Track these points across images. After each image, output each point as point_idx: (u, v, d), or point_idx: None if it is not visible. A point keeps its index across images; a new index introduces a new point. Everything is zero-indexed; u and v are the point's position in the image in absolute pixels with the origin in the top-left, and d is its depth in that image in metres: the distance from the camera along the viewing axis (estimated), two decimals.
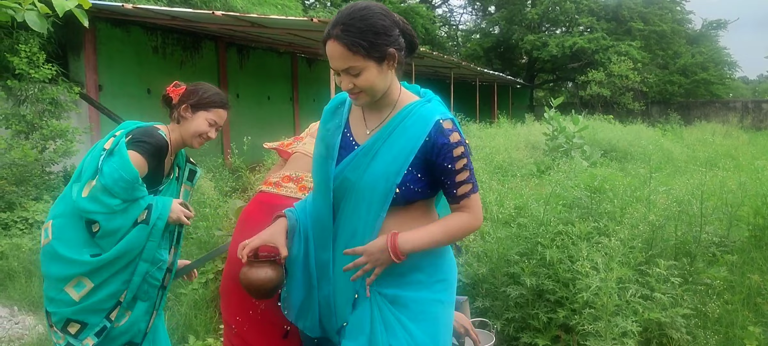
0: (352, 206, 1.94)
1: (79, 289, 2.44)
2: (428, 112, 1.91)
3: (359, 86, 1.86)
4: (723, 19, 30.95)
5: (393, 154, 1.88)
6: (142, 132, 2.56)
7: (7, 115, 7.44)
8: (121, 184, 2.39)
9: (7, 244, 5.54)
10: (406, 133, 1.89)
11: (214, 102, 2.69)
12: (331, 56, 1.84)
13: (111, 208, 2.39)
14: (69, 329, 2.47)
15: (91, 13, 3.17)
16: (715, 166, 6.78)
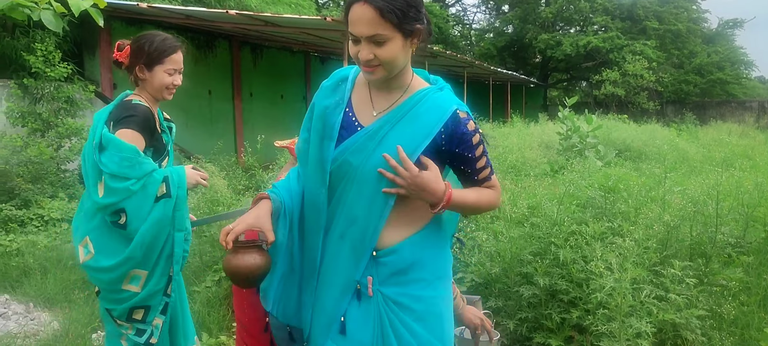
0: (355, 193, 1.83)
1: (136, 282, 2.51)
2: (444, 101, 1.84)
3: (380, 58, 1.73)
4: (739, 18, 30.64)
5: (403, 141, 1.78)
6: (121, 109, 2.56)
7: (23, 113, 7.52)
8: (125, 163, 2.41)
9: (23, 241, 5.59)
10: (419, 120, 1.80)
11: (164, 51, 2.63)
12: (357, 20, 1.71)
13: (128, 190, 2.42)
14: (135, 317, 2.56)
15: (107, 12, 3.20)
16: (731, 166, 6.72)
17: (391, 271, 1.86)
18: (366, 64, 1.76)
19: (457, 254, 3.71)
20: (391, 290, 1.86)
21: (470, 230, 3.94)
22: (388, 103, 1.86)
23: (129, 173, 2.42)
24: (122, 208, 2.44)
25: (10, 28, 8.28)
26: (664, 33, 27.86)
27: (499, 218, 4.02)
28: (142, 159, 2.46)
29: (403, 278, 1.87)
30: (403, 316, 1.85)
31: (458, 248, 3.45)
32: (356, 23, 1.71)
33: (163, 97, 2.68)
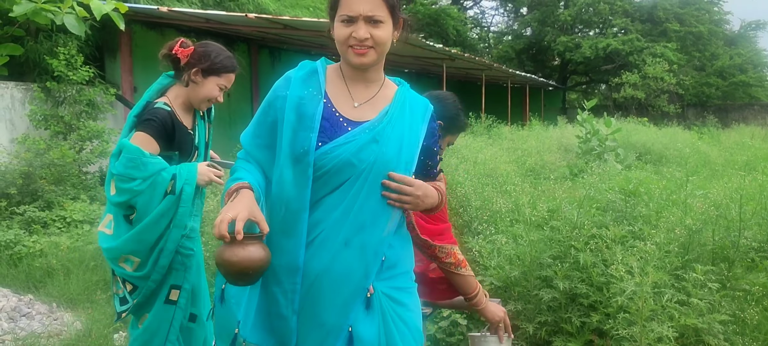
0: (363, 196, 1.74)
1: (130, 263, 2.62)
2: (421, 98, 1.95)
3: (375, 39, 1.74)
4: (762, 20, 30.21)
5: (405, 139, 1.81)
6: (143, 111, 2.67)
7: (46, 116, 7.63)
8: (129, 164, 2.51)
9: (46, 242, 5.67)
10: (411, 118, 1.86)
11: (226, 66, 2.72)
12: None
13: (133, 190, 2.52)
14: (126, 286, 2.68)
15: (127, 16, 3.23)
16: (754, 169, 6.62)
17: (385, 266, 1.84)
18: (360, 44, 1.75)
19: (477, 257, 3.70)
20: (384, 285, 1.83)
21: (490, 233, 3.92)
22: (367, 95, 1.86)
23: (134, 174, 2.51)
24: (132, 205, 2.57)
25: (33, 32, 8.42)
26: (685, 35, 27.55)
27: (519, 221, 4.00)
28: (146, 159, 2.53)
29: (392, 272, 1.86)
30: (398, 309, 1.84)
31: None
32: (356, 2, 1.72)
33: (200, 106, 2.77)
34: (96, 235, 5.78)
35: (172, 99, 2.74)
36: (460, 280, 2.29)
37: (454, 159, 6.34)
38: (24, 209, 6.36)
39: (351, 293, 1.77)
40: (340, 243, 1.75)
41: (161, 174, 2.56)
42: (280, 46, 13.64)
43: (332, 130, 1.77)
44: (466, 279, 2.30)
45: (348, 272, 1.76)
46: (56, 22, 2.93)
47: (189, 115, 2.81)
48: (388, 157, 1.76)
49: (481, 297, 2.36)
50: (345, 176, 1.75)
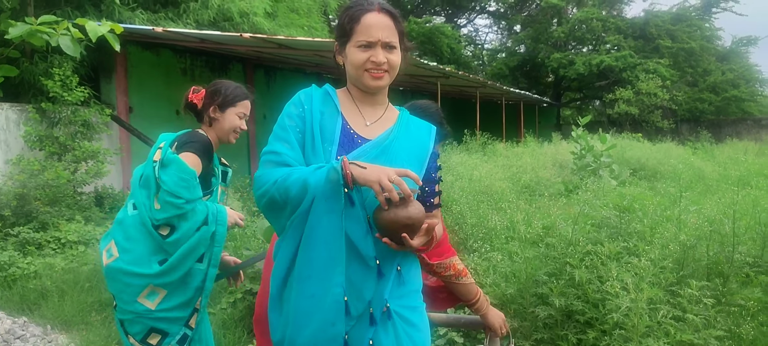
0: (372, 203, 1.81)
1: (153, 298, 2.53)
2: (426, 124, 2.03)
3: (390, 64, 1.87)
4: (753, 36, 30.36)
5: (410, 154, 1.90)
6: (187, 136, 2.69)
7: (41, 136, 7.63)
8: (182, 183, 2.49)
9: (41, 263, 5.64)
10: (415, 137, 1.96)
11: (238, 96, 2.82)
12: (375, 24, 1.84)
13: (181, 207, 2.49)
14: (149, 341, 2.55)
15: (123, 36, 3.25)
16: (747, 185, 6.65)
17: (397, 284, 1.89)
18: (377, 68, 1.86)
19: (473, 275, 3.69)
20: (395, 304, 1.88)
21: (485, 250, 3.93)
22: (376, 115, 1.98)
23: (183, 193, 2.49)
24: (173, 224, 2.51)
25: (29, 53, 8.44)
26: (677, 51, 27.76)
27: (514, 239, 4.01)
28: (196, 183, 2.54)
29: (402, 290, 1.91)
30: (409, 330, 1.89)
31: None
32: (374, 28, 1.84)
33: (229, 139, 2.81)
34: (91, 255, 5.79)
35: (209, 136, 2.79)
36: (462, 289, 2.35)
37: (449, 176, 6.35)
38: (18, 230, 6.34)
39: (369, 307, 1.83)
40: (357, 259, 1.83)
41: (200, 203, 2.57)
42: (276, 65, 13.68)
43: (349, 145, 1.89)
44: (467, 287, 2.35)
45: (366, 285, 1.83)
46: (51, 43, 2.95)
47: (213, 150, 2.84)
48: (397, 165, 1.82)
49: (483, 302, 2.40)
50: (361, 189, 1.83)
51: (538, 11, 31.28)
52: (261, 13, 11.16)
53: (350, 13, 1.88)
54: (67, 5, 9.04)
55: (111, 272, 2.57)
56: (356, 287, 1.81)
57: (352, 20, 1.86)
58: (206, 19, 10.48)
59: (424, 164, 1.93)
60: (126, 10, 9.49)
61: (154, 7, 10.40)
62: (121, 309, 2.58)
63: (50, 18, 2.98)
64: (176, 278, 2.53)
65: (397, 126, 1.95)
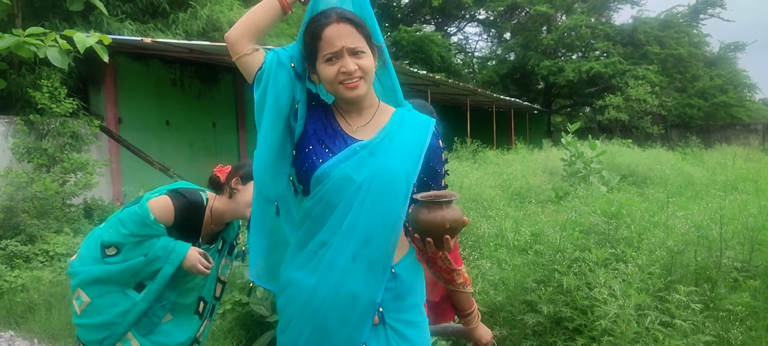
0: (367, 209, 1.77)
1: (79, 302, 2.63)
2: (424, 118, 1.95)
3: (363, 69, 1.81)
4: (740, 41, 30.63)
5: (403, 153, 1.82)
6: (185, 189, 2.73)
7: (29, 148, 7.58)
8: (133, 218, 2.56)
9: (28, 276, 5.60)
10: (409, 135, 1.87)
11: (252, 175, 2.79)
12: (336, 35, 1.79)
13: (123, 236, 2.57)
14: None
15: (111, 47, 3.24)
16: (735, 189, 6.70)
17: (393, 296, 1.85)
18: (350, 77, 1.81)
19: None
20: (391, 317, 1.85)
21: (474, 258, 3.93)
22: (361, 120, 1.92)
23: (130, 227, 2.58)
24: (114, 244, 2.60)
25: (16, 65, 8.40)
26: (666, 57, 27.95)
27: (502, 246, 4.02)
28: (150, 223, 2.57)
29: (401, 304, 1.87)
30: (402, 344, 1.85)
31: None
32: (337, 38, 1.79)
33: (245, 214, 2.74)
34: None
35: (212, 203, 2.78)
36: (464, 298, 2.35)
37: None
38: (6, 243, 6.29)
39: (362, 312, 1.80)
40: (348, 259, 1.78)
41: (152, 239, 2.60)
42: None
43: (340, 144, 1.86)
44: (468, 297, 2.35)
45: (357, 288, 1.79)
46: (40, 55, 2.94)
47: (213, 229, 2.82)
48: (387, 168, 1.79)
49: (476, 315, 2.40)
50: (346, 191, 1.79)
51: (528, 19, 31.43)
52: None
53: (310, 31, 1.84)
54: (55, 17, 9.01)
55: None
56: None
57: (314, 38, 1.82)
58: (195, 29, 10.46)
59: (418, 160, 1.83)
60: (115, 21, 9.46)
61: (143, 17, 10.38)
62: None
63: (38, 30, 2.98)
64: (102, 293, 2.59)
65: (389, 125, 1.88)
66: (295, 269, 1.89)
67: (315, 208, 1.83)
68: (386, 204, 1.78)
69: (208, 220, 2.76)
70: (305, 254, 1.86)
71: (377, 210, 1.77)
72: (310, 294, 1.82)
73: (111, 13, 9.47)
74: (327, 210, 1.81)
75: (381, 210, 1.78)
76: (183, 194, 2.68)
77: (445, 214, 1.74)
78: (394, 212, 1.78)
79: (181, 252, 2.62)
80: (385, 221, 1.78)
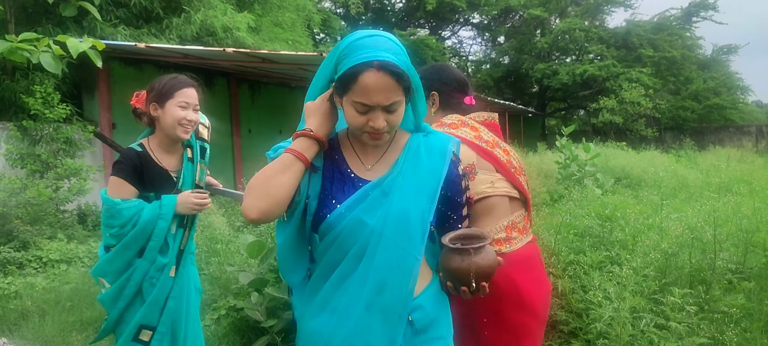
0: (381, 254, 1.63)
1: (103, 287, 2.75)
2: (442, 143, 1.76)
3: (391, 125, 1.64)
4: (733, 44, 30.87)
5: (418, 189, 1.66)
6: (120, 156, 2.75)
7: (22, 154, 7.55)
8: (105, 215, 2.66)
9: (21, 283, 5.57)
10: (423, 166, 1.70)
11: (174, 86, 2.74)
12: (374, 88, 1.57)
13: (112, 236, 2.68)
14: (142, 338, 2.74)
15: (105, 53, 3.23)
16: (728, 191, 6.72)
17: (414, 330, 1.72)
18: (374, 133, 1.65)
19: None
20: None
21: None
22: (376, 155, 1.77)
23: (112, 222, 2.65)
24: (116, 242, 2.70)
25: (9, 71, 8.37)
26: (659, 60, 28.07)
27: None
28: (120, 207, 2.63)
29: (424, 337, 1.74)
30: None
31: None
32: (373, 92, 1.57)
33: (177, 134, 2.72)
34: (72, 274, 5.72)
35: (148, 143, 2.79)
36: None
37: None
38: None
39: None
40: (362, 308, 1.65)
41: (141, 215, 2.64)
42: (260, 79, 13.66)
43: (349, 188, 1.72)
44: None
45: (372, 339, 1.65)
46: (33, 60, 2.93)
47: (172, 157, 2.82)
48: (400, 209, 1.64)
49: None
50: (359, 236, 1.65)
51: (522, 22, 31.53)
52: (244, 27, 11.14)
53: (347, 68, 1.60)
54: (48, 22, 8.98)
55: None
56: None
57: (350, 78, 1.59)
58: (189, 34, 10.45)
59: (434, 195, 1.67)
60: (108, 27, 9.45)
61: (137, 23, 10.37)
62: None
63: (31, 35, 2.96)
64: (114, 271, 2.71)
65: (403, 158, 1.71)
66: (310, 318, 1.77)
67: (327, 252, 1.71)
68: (401, 247, 1.63)
69: (158, 158, 2.77)
70: (319, 301, 1.74)
71: (391, 255, 1.63)
72: (326, 344, 1.71)
73: (104, 18, 9.45)
74: (339, 255, 1.69)
75: (395, 254, 1.63)
76: (120, 161, 2.70)
77: (478, 261, 1.60)
78: (409, 255, 1.64)
79: (170, 205, 2.69)
80: (401, 266, 1.64)
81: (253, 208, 1.62)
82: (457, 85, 2.46)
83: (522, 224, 2.32)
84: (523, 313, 2.22)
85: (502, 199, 2.26)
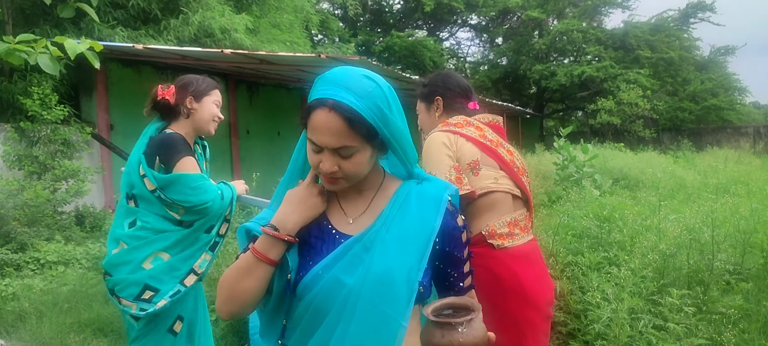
0: (359, 318, 1.42)
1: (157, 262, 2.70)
2: (435, 191, 1.54)
3: (345, 172, 1.47)
4: (731, 45, 30.84)
5: (404, 244, 1.45)
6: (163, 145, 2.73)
7: (20, 156, 7.54)
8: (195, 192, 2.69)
9: (19, 285, 5.56)
10: (413, 217, 1.48)
11: (210, 85, 2.89)
12: (320, 128, 1.42)
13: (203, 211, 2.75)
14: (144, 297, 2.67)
15: (103, 54, 3.23)
16: (726, 192, 6.72)
17: None
18: (325, 176, 1.50)
19: None
20: None
21: None
22: (361, 206, 1.57)
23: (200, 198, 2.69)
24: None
25: (7, 72, 8.35)
26: (657, 61, 28.11)
27: None
28: (205, 182, 2.73)
29: None
30: None
31: None
32: (320, 132, 1.43)
33: (209, 129, 2.88)
34: (70, 276, 5.70)
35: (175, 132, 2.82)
36: None
37: None
38: None
39: None
40: None
41: (224, 193, 2.83)
42: (258, 80, 13.65)
43: (328, 245, 1.53)
44: None
45: None
46: (30, 62, 2.93)
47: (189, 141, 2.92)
48: (381, 267, 1.43)
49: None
50: (336, 297, 1.46)
51: (519, 24, 31.55)
52: (242, 29, 11.14)
53: (309, 100, 1.49)
54: (45, 23, 8.97)
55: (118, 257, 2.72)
56: None
57: (306, 112, 1.48)
58: (187, 35, 10.44)
59: (424, 252, 1.45)
60: (106, 28, 9.44)
61: (135, 24, 10.36)
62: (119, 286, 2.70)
63: (29, 36, 2.96)
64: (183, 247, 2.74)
65: (389, 209, 1.51)
66: None
67: (304, 315, 1.52)
68: (380, 312, 1.42)
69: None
70: None
71: (370, 319, 1.42)
72: None
73: (102, 19, 9.44)
74: (317, 319, 1.49)
75: (374, 320, 1.42)
76: (177, 143, 2.72)
77: (463, 339, 1.36)
78: (391, 320, 1.42)
79: (234, 189, 2.91)
80: (381, 332, 1.42)
81: (221, 310, 1.55)
82: (461, 91, 2.59)
83: (524, 223, 2.38)
84: (526, 307, 2.26)
85: (506, 196, 2.33)
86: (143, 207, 2.71)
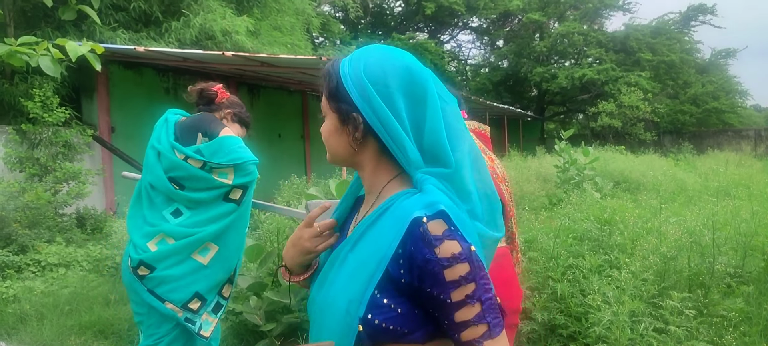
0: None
1: (205, 253, 2.72)
2: (407, 208, 1.19)
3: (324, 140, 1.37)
4: (732, 48, 30.91)
5: (355, 268, 1.23)
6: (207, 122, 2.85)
7: (21, 158, 7.55)
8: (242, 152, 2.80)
9: (20, 287, 5.56)
10: (373, 237, 1.23)
11: (247, 123, 3.09)
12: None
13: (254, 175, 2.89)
14: (190, 306, 2.68)
15: (104, 56, 3.24)
16: (727, 195, 6.72)
17: None
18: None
19: None
20: None
21: None
22: (367, 206, 1.36)
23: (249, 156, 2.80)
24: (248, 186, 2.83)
25: (8, 74, 8.37)
26: (658, 64, 28.10)
27: None
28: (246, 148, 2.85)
29: None
30: None
31: None
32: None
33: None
34: (71, 278, 5.71)
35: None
36: None
37: None
38: None
39: None
40: None
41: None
42: (259, 83, 13.67)
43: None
44: None
45: None
46: (32, 64, 2.93)
47: None
48: (330, 289, 1.27)
49: None
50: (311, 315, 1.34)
51: (520, 26, 31.56)
52: (243, 31, 11.15)
53: None
54: (47, 26, 8.99)
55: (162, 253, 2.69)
56: None
57: None
58: (188, 38, 10.45)
59: (369, 282, 1.18)
60: (107, 30, 9.45)
61: (136, 26, 10.37)
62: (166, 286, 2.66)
63: (30, 39, 2.96)
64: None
65: (366, 221, 1.27)
66: None
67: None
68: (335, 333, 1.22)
69: None
70: None
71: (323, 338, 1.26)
72: None
73: (104, 22, 9.46)
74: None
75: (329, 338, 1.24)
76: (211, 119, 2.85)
77: None
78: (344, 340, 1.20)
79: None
80: None
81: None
82: None
83: None
84: None
85: None
86: (190, 186, 2.73)
